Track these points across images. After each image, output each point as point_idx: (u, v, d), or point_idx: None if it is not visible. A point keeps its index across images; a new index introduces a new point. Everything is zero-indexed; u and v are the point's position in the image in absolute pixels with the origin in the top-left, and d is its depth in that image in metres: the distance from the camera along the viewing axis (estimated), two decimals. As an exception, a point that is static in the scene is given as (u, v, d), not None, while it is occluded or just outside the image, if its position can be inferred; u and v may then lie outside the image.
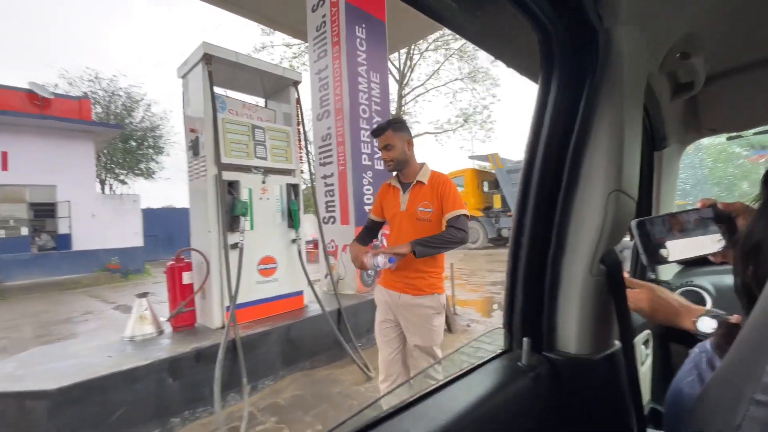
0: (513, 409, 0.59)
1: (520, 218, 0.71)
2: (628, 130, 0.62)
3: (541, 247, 0.69)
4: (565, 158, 0.66)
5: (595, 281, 0.66)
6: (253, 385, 2.81)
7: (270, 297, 3.39)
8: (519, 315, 0.72)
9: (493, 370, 0.65)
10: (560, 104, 0.65)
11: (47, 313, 6.63)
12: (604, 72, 0.62)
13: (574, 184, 0.65)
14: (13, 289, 8.79)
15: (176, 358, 2.50)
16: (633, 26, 0.62)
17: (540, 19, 0.58)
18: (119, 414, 2.23)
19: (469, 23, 0.59)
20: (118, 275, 10.45)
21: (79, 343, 2.84)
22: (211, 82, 3.01)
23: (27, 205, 10.76)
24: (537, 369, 0.65)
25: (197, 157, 3.18)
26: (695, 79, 0.88)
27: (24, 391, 2.12)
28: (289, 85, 3.78)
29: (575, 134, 0.65)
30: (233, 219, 3.06)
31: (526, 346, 0.68)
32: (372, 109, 4.54)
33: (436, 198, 1.80)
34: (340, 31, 4.27)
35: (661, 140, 1.18)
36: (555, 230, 0.68)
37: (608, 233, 0.63)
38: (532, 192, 0.68)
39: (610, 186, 0.62)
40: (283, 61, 18.71)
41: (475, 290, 6.74)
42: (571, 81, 0.65)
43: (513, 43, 0.67)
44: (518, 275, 0.71)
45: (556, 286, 0.69)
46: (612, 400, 0.67)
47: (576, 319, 0.67)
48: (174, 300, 3.05)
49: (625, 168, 0.62)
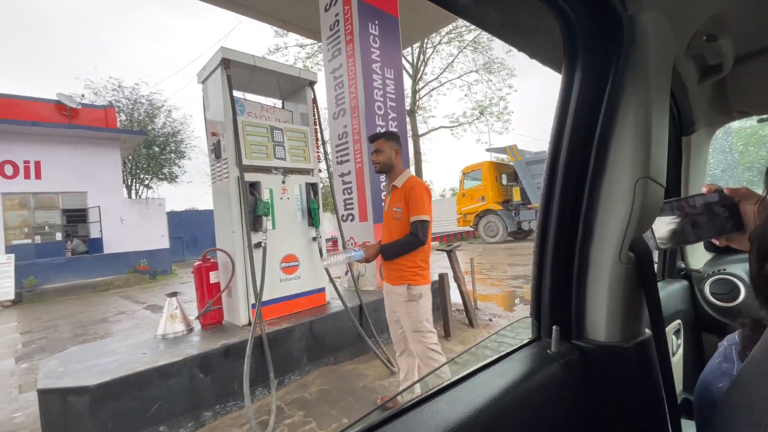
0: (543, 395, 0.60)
1: (546, 206, 0.71)
2: (655, 116, 0.62)
3: (569, 235, 0.69)
4: (591, 146, 0.66)
5: (625, 269, 0.65)
6: (279, 380, 2.88)
7: (293, 294, 3.45)
8: (547, 303, 0.72)
9: (523, 358, 0.66)
10: (584, 92, 0.65)
11: (83, 314, 6.96)
12: (628, 59, 0.61)
13: (601, 171, 0.65)
14: (49, 291, 9.25)
15: (206, 354, 2.59)
16: (657, 12, 0.61)
17: (562, 8, 0.58)
18: (155, 408, 2.33)
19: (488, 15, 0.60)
20: (147, 276, 10.85)
21: (116, 342, 2.97)
22: (230, 86, 3.08)
23: (60, 212, 11.27)
24: (566, 356, 0.66)
25: (219, 159, 3.27)
26: (723, 61, 0.85)
27: (66, 387, 2.23)
28: (305, 86, 3.82)
29: (600, 122, 0.64)
30: (256, 219, 3.13)
31: (555, 334, 0.68)
32: (387, 106, 4.54)
33: (404, 201, 2.12)
34: (353, 29, 4.29)
35: (689, 125, 1.14)
36: (582, 218, 0.67)
37: (637, 220, 0.63)
38: (558, 180, 0.68)
39: (638, 173, 0.62)
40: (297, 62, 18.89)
41: (496, 285, 6.68)
42: (595, 69, 0.64)
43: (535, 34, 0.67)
44: (545, 263, 0.71)
45: (584, 274, 0.69)
46: (643, 389, 0.67)
47: (605, 307, 0.67)
48: (202, 299, 3.15)
49: (653, 154, 0.62)
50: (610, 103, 0.63)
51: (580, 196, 0.67)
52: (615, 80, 0.63)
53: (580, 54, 0.64)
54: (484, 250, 11.94)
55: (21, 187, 10.47)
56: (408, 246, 2.10)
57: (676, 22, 0.64)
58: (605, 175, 0.65)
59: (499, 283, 6.77)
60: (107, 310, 7.20)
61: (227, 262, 3.17)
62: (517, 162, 13.43)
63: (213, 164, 3.40)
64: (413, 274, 2.15)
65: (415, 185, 2.13)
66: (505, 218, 13.57)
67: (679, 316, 1.24)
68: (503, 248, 12.13)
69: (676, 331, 1.22)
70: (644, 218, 0.63)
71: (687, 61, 0.85)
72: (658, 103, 0.62)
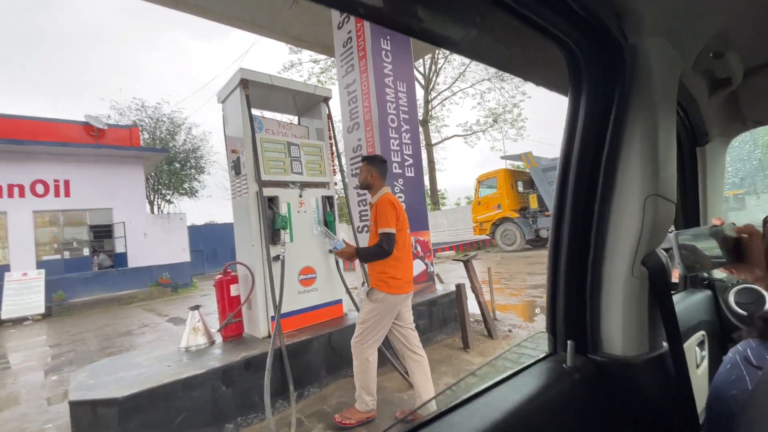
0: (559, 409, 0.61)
1: (557, 226, 0.73)
2: (662, 136, 0.63)
3: (580, 252, 0.71)
4: (599, 166, 0.68)
5: (638, 283, 0.67)
6: (299, 392, 2.91)
7: (311, 306, 3.50)
8: (562, 318, 0.73)
9: (538, 372, 0.67)
10: (591, 115, 0.67)
11: (109, 327, 7.17)
12: (632, 83, 0.64)
13: (610, 190, 0.67)
14: (77, 305, 9.58)
15: (228, 366, 2.64)
16: (659, 37, 0.63)
17: (565, 42, 0.61)
18: (180, 420, 2.39)
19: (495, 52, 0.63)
20: (169, 289, 11.13)
21: (142, 354, 3.07)
22: (248, 105, 3.20)
23: (87, 228, 11.72)
24: (582, 370, 0.67)
25: (239, 176, 3.38)
26: (732, 75, 0.86)
27: (96, 399, 2.32)
28: (319, 102, 3.93)
29: (608, 143, 0.66)
30: (274, 232, 3.21)
31: (571, 349, 0.69)
32: (400, 118, 4.61)
33: (373, 216, 2.45)
34: (365, 46, 4.39)
35: (703, 135, 1.14)
36: (593, 235, 0.69)
37: (648, 236, 0.64)
38: (568, 199, 0.70)
39: (647, 191, 0.63)
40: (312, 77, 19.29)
41: (515, 294, 6.58)
42: (600, 94, 0.66)
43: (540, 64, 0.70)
44: (559, 280, 0.73)
45: (597, 289, 0.70)
46: (660, 403, 0.67)
47: (620, 321, 0.68)
48: (223, 311, 3.23)
49: (662, 172, 0.63)
50: (616, 125, 0.65)
51: (590, 215, 0.69)
52: (620, 103, 0.65)
53: (585, 81, 0.66)
54: (502, 259, 11.78)
55: (51, 204, 10.96)
56: (374, 255, 2.40)
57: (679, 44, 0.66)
58: (614, 194, 0.67)
59: (518, 293, 6.66)
60: (132, 322, 7.41)
61: (247, 275, 3.25)
62: (533, 169, 13.27)
63: (233, 180, 3.51)
64: (378, 280, 2.42)
65: (380, 202, 2.43)
66: (523, 226, 13.38)
67: (702, 327, 1.22)
68: (521, 257, 11.94)
69: (699, 343, 1.19)
70: (655, 234, 0.65)
71: (695, 76, 0.86)
72: (664, 123, 0.64)
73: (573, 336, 0.71)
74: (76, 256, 11.33)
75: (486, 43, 0.59)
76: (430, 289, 4.62)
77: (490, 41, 0.59)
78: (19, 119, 11.09)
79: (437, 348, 3.92)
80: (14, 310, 8.70)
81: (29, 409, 3.46)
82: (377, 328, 2.44)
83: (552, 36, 0.59)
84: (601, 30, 0.61)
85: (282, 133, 3.78)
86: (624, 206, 0.65)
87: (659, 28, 0.62)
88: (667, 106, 0.65)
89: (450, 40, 0.56)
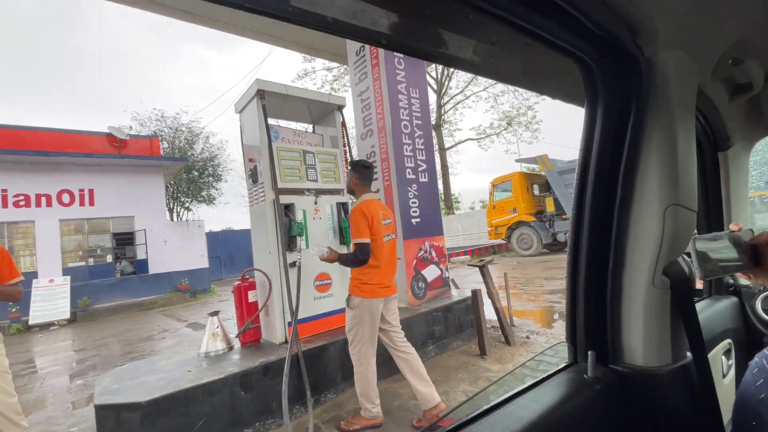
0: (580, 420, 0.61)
1: (576, 235, 0.72)
2: (680, 146, 0.63)
3: (600, 261, 0.70)
4: (617, 177, 0.68)
5: (659, 293, 0.66)
6: (315, 398, 2.93)
7: (326, 312, 3.52)
8: (582, 328, 0.73)
9: (559, 383, 0.67)
10: (608, 127, 0.67)
11: (131, 332, 7.36)
12: (649, 95, 0.64)
13: (629, 200, 0.67)
14: (101, 310, 9.87)
15: (246, 372, 2.68)
16: (675, 49, 0.62)
17: (581, 58, 0.61)
18: (200, 424, 2.44)
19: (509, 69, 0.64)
20: (188, 295, 11.36)
21: (163, 359, 3.14)
22: (265, 115, 3.27)
23: (110, 235, 12.10)
24: (603, 381, 0.66)
25: (256, 184, 3.45)
26: (753, 80, 0.84)
27: (120, 403, 2.38)
28: (334, 110, 3.98)
29: (625, 153, 0.66)
30: (291, 239, 3.25)
31: (591, 359, 0.69)
32: (414, 124, 4.63)
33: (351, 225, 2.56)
34: (378, 53, 4.44)
35: (725, 140, 1.12)
36: (613, 246, 0.69)
37: (668, 246, 0.64)
38: (586, 210, 0.70)
39: (667, 200, 0.63)
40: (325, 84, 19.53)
41: (532, 300, 6.48)
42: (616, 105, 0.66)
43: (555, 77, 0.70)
44: (578, 289, 0.73)
45: (618, 299, 0.70)
46: (684, 415, 0.66)
47: (641, 331, 0.67)
48: (241, 317, 3.29)
49: (681, 181, 0.63)
50: (634, 136, 0.65)
51: (609, 224, 0.69)
52: (637, 114, 0.65)
53: (601, 93, 0.66)
54: (518, 264, 11.62)
55: (76, 213, 11.38)
56: (350, 262, 2.55)
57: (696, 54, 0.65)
58: (633, 204, 0.66)
59: (536, 298, 6.56)
60: (152, 328, 7.59)
61: (264, 282, 3.30)
62: (549, 172, 13.09)
63: (250, 188, 3.58)
64: (353, 286, 2.56)
65: (353, 211, 2.53)
66: (539, 230, 13.18)
67: (729, 335, 1.18)
68: (538, 261, 11.75)
69: (726, 352, 1.16)
70: (676, 244, 0.64)
71: (715, 83, 0.84)
72: (683, 132, 0.64)
73: (594, 346, 0.70)
74: (100, 263, 11.71)
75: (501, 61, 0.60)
76: (445, 294, 4.60)
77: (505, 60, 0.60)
78: (45, 131, 11.60)
79: (453, 354, 3.89)
80: (41, 315, 9.02)
81: (55, 413, 3.58)
82: (361, 332, 2.51)
83: (567, 52, 0.60)
84: (616, 45, 0.61)
85: (297, 141, 3.84)
86: (643, 216, 0.65)
87: (675, 40, 0.62)
88: (686, 115, 0.65)
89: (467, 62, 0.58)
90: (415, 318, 3.83)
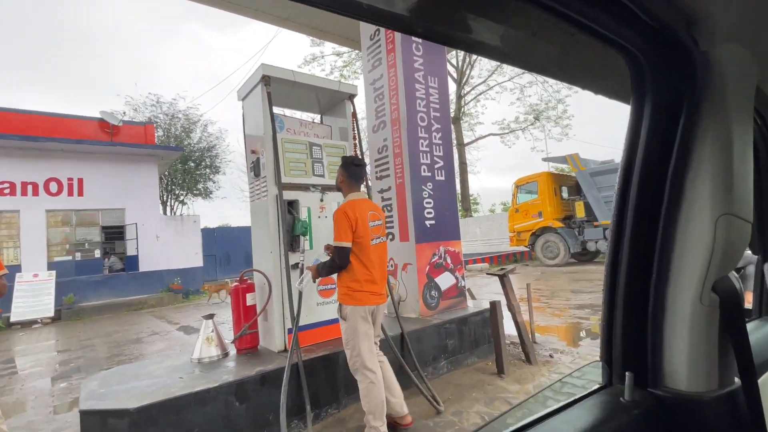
0: None
1: (615, 244, 0.72)
2: (736, 150, 0.62)
3: (642, 274, 0.70)
4: (664, 182, 0.67)
5: (707, 311, 0.65)
6: (316, 413, 2.95)
7: (330, 319, 3.54)
8: (619, 347, 0.73)
9: (593, 405, 0.67)
10: (655, 127, 0.67)
11: (119, 333, 7.51)
12: (704, 93, 0.63)
13: (677, 208, 0.66)
14: (87, 309, 10.09)
15: (242, 381, 2.72)
16: (734, 44, 0.62)
17: (629, 50, 0.61)
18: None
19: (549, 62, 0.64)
20: (180, 296, 11.53)
21: (153, 364, 3.20)
22: (270, 103, 3.30)
23: (99, 228, 12.35)
24: (642, 406, 0.66)
25: (258, 177, 3.49)
26: None
27: (107, 410, 2.44)
28: (344, 99, 4.00)
29: (674, 157, 0.66)
30: (293, 239, 3.28)
31: (629, 381, 0.68)
32: (431, 116, 4.62)
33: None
34: (395, 38, 4.44)
35: None
36: (657, 257, 0.68)
37: (719, 260, 0.63)
38: (628, 217, 0.70)
39: (720, 209, 0.62)
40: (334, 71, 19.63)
41: (557, 315, 6.42)
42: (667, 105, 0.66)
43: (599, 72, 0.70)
44: (617, 303, 0.72)
45: (660, 316, 0.69)
46: None
47: (686, 353, 0.67)
48: (238, 321, 3.33)
49: (736, 189, 0.62)
50: (684, 138, 0.65)
51: (654, 233, 0.68)
52: (689, 114, 0.65)
53: (650, 90, 0.66)
54: (542, 274, 11.52)
55: (64, 204, 11.63)
56: (328, 268, 2.63)
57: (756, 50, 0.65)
58: (681, 212, 0.66)
59: (561, 313, 6.49)
60: (141, 330, 7.73)
61: (264, 284, 3.33)
62: (580, 173, 12.94)
63: (252, 182, 3.63)
64: (342, 294, 2.60)
65: (336, 212, 2.60)
66: (567, 237, 13.03)
67: None
68: (565, 272, 11.63)
69: None
70: (728, 257, 0.64)
71: None
72: (739, 135, 0.63)
73: (631, 367, 0.70)
74: (88, 258, 11.96)
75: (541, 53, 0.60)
76: (460, 305, 4.58)
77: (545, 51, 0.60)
78: (33, 115, 11.83)
79: (468, 372, 3.88)
80: (24, 312, 9.25)
81: (36, 417, 3.67)
82: (357, 340, 2.55)
83: (614, 44, 0.59)
84: (669, 37, 0.61)
85: (304, 132, 3.87)
86: (692, 226, 0.65)
87: (734, 35, 0.61)
88: (743, 116, 0.64)
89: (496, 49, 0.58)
90: (427, 330, 3.83)
